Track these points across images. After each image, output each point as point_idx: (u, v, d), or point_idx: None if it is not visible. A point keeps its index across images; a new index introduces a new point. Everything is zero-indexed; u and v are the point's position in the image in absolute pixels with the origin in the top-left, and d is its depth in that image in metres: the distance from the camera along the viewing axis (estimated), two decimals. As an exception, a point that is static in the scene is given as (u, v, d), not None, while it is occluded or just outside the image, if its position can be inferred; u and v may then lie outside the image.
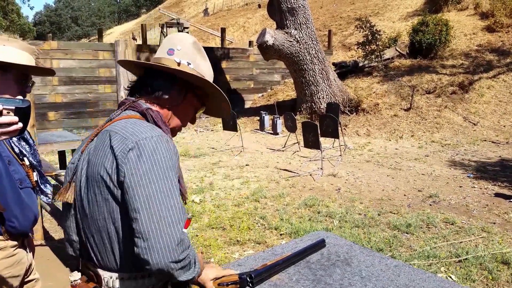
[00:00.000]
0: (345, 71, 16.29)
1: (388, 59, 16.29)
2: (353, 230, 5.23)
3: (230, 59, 15.95)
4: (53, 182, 7.17)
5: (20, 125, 1.23)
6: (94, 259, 1.44)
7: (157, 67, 1.58)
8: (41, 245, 5.15)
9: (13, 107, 1.22)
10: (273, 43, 12.95)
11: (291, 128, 10.08)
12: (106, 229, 1.39)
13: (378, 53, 15.65)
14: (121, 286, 1.41)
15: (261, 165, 8.66)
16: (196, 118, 1.73)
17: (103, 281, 1.42)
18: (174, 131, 1.65)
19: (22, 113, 1.22)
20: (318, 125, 8.18)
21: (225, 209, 6.09)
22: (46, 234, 5.39)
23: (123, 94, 2.69)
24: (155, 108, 1.56)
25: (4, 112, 1.21)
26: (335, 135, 8.77)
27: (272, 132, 12.46)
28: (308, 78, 13.28)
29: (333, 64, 16.50)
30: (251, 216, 5.81)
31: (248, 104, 16.32)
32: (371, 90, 14.00)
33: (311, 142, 8.08)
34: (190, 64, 1.60)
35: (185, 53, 1.61)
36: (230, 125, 10.43)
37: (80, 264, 1.51)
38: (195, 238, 5.13)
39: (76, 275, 1.49)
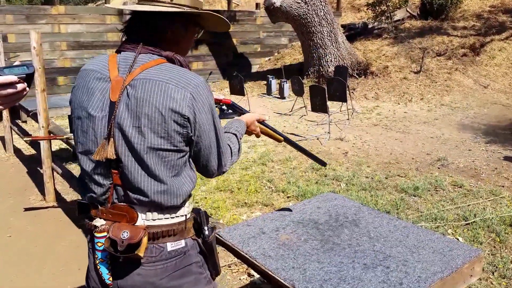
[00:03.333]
0: (354, 33, 16.05)
1: (399, 20, 16.04)
2: (360, 193, 5.26)
3: (237, 22, 15.74)
4: (63, 146, 7.24)
5: (28, 89, 1.27)
6: (133, 198, 1.53)
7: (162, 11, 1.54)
8: (53, 206, 5.25)
9: (24, 75, 1.25)
10: (280, 5, 12.77)
11: (298, 92, 10.02)
12: (156, 170, 1.51)
13: (389, 14, 15.40)
14: (154, 218, 1.56)
15: (268, 129, 8.66)
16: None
17: (139, 216, 1.54)
18: None
19: (29, 78, 1.26)
20: (326, 89, 8.13)
21: (232, 172, 6.13)
22: (58, 196, 5.48)
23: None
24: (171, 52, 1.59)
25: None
26: (343, 99, 8.73)
27: (279, 96, 12.40)
28: (316, 40, 13.13)
29: (342, 26, 16.25)
30: (258, 179, 5.85)
31: (255, 68, 16.19)
32: (381, 52, 13.83)
33: (319, 106, 8.05)
34: None
35: None
36: (237, 89, 10.40)
37: (103, 210, 1.57)
38: (203, 200, 5.19)
39: (100, 221, 1.56)
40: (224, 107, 2.05)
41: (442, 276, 1.88)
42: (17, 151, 7.60)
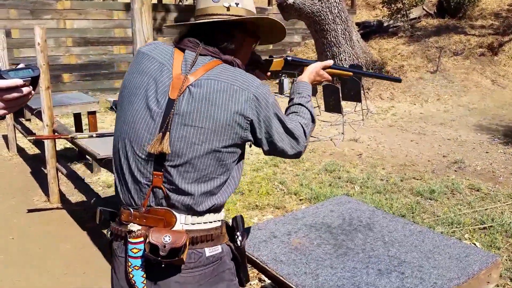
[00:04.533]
0: (369, 31, 16.00)
1: (415, 18, 15.96)
2: (374, 196, 5.25)
3: (248, 18, 15.77)
4: (68, 145, 7.29)
5: (33, 92, 1.29)
6: (175, 200, 1.53)
7: (216, 23, 1.60)
8: (57, 208, 5.28)
9: (29, 78, 1.26)
10: (293, 2, 12.77)
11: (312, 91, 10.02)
12: (209, 171, 1.53)
13: (404, 12, 15.32)
14: (193, 222, 1.56)
15: (280, 129, 8.66)
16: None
17: (178, 220, 1.53)
18: None
19: (34, 81, 1.27)
20: (340, 88, 8.12)
21: (243, 173, 6.14)
22: (63, 197, 5.50)
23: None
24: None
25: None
26: (357, 99, 8.72)
27: (291, 95, 12.41)
28: (329, 38, 13.11)
29: (357, 24, 16.21)
30: (270, 181, 5.86)
31: (266, 66, 16.21)
32: (396, 51, 13.79)
33: (332, 106, 8.05)
34: (238, 4, 1.62)
35: None
36: (248, 88, 10.41)
37: (136, 214, 1.56)
38: (213, 203, 5.20)
39: (136, 226, 1.54)
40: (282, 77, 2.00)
41: (458, 282, 1.88)
42: (21, 150, 7.64)
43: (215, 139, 1.50)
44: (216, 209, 1.59)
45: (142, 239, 1.51)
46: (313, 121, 1.87)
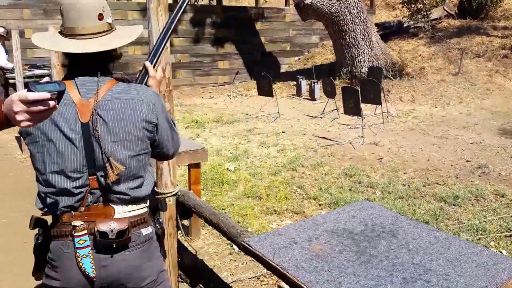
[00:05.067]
0: (389, 32, 15.93)
1: (436, 19, 15.85)
2: (396, 202, 5.20)
3: (265, 19, 15.77)
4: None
5: (57, 107, 1.35)
6: (113, 197, 1.88)
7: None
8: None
9: (56, 92, 1.32)
10: (311, 2, 12.76)
11: (330, 93, 9.99)
12: (135, 171, 1.90)
13: (425, 13, 15.23)
14: (129, 210, 1.93)
15: (298, 132, 8.65)
16: None
17: (116, 211, 1.89)
18: None
19: (60, 95, 1.34)
20: (359, 91, 8.07)
21: (261, 177, 6.13)
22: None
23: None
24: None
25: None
26: (377, 101, 8.66)
27: (309, 98, 12.38)
28: (348, 39, 13.07)
29: (376, 24, 16.13)
30: (288, 185, 5.83)
31: (284, 68, 16.17)
32: (417, 53, 13.70)
33: (352, 109, 8.00)
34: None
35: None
36: (265, 90, 10.40)
37: (77, 214, 1.87)
38: (230, 207, 5.19)
39: (78, 221, 1.85)
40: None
41: (487, 292, 1.84)
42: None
43: (134, 146, 1.86)
44: (144, 198, 1.98)
45: (86, 231, 1.83)
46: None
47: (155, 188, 2.24)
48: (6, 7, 11.15)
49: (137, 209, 1.95)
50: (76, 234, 1.82)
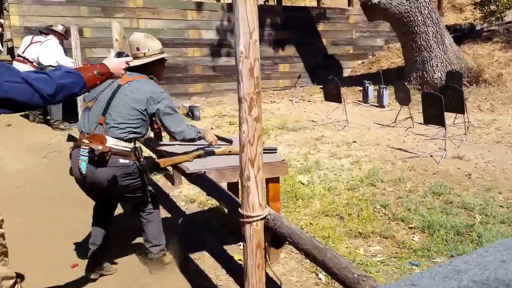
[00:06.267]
0: (459, 35, 15.20)
1: (510, 22, 15.03)
2: (499, 227, 4.67)
3: (327, 20, 15.29)
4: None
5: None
6: (107, 131, 3.37)
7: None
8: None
9: None
10: (379, 1, 12.25)
11: (404, 100, 9.42)
12: (128, 120, 3.43)
13: (499, 15, 14.44)
14: (115, 143, 3.38)
15: (371, 142, 8.16)
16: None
17: (107, 141, 3.34)
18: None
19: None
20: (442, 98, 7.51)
21: (337, 193, 5.69)
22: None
23: (242, 48, 2.45)
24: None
25: None
26: (460, 110, 8.07)
27: (377, 104, 11.82)
28: (419, 42, 12.44)
29: (445, 27, 15.44)
30: (369, 203, 5.38)
31: (346, 72, 15.63)
32: (493, 58, 12.94)
33: (434, 118, 7.45)
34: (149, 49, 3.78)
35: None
36: (332, 95, 9.94)
37: (88, 136, 3.36)
38: (309, 227, 4.78)
39: (86, 141, 3.33)
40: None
41: None
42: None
43: (136, 104, 3.40)
44: (128, 140, 3.40)
45: (88, 147, 3.26)
46: None
47: (239, 209, 2.70)
48: (63, 4, 11.07)
49: (121, 146, 3.37)
50: (83, 147, 3.28)
